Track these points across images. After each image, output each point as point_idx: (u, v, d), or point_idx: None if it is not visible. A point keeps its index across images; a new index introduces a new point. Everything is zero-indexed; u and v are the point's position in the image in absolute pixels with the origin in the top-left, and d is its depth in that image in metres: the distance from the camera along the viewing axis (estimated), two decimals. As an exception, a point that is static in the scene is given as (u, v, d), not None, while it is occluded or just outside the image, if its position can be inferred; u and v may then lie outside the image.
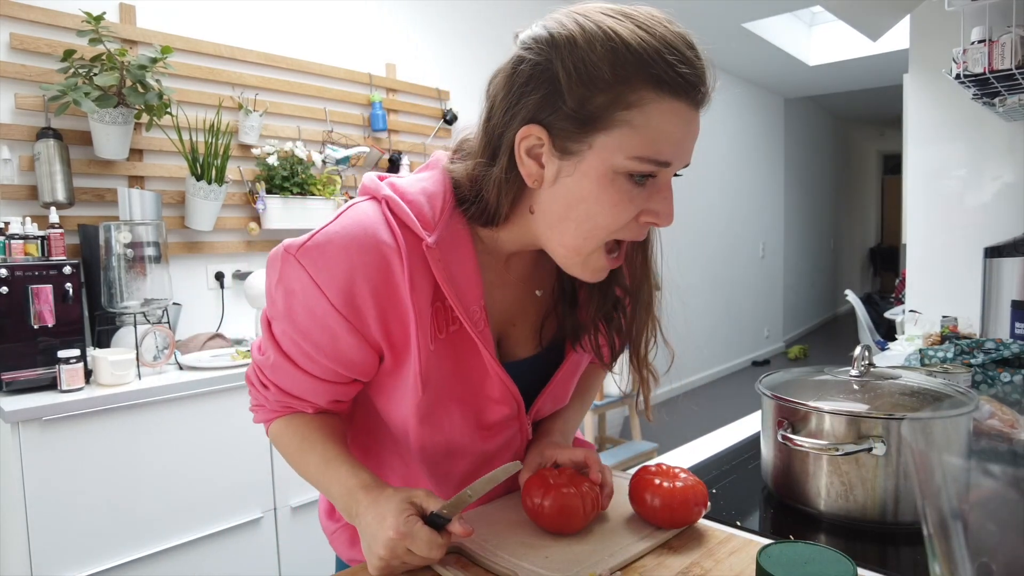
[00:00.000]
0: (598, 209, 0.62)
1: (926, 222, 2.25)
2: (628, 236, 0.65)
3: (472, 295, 0.69)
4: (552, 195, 0.64)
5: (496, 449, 0.79)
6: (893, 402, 0.80)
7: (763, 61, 5.48)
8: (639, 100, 0.58)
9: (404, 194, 0.67)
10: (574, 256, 0.66)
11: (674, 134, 0.60)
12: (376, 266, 0.63)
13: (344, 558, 0.88)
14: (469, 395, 0.73)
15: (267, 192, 2.43)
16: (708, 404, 5.09)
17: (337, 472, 0.69)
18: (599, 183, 0.61)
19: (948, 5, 1.59)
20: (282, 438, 0.76)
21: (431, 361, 0.68)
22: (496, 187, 0.65)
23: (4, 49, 1.92)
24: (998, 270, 1.65)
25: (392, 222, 0.65)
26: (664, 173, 0.63)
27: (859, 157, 9.83)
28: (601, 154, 0.60)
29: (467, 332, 0.69)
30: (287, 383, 0.72)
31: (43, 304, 1.67)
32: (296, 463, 0.75)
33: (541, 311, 0.79)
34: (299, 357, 0.69)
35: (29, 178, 1.95)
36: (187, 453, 1.77)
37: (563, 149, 0.61)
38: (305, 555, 2.02)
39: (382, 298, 0.64)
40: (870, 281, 10.38)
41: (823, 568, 0.54)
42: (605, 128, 0.59)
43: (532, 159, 0.63)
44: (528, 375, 0.79)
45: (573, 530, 0.70)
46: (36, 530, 1.53)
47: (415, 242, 0.65)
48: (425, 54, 3.07)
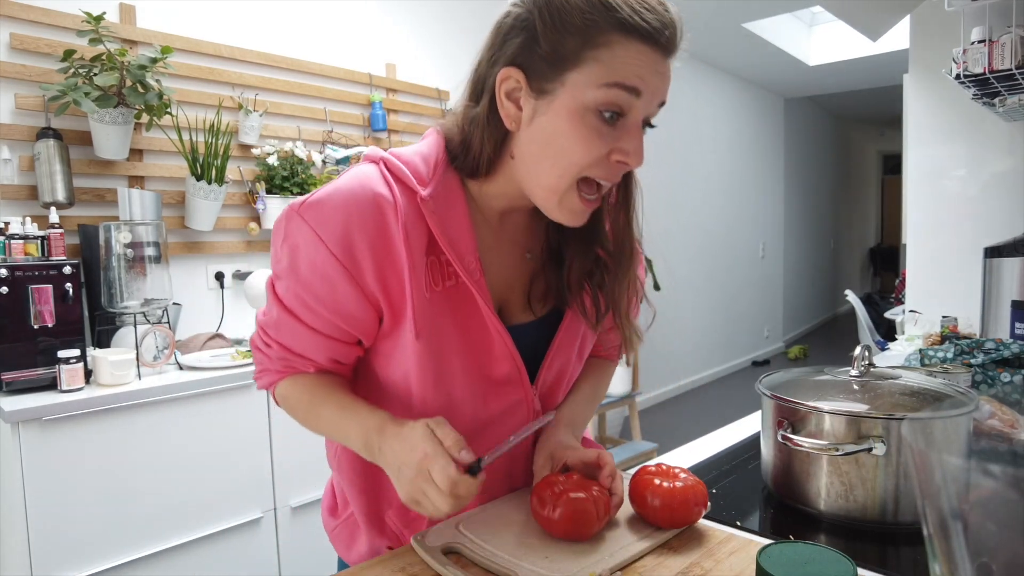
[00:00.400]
0: (570, 144, 0.66)
1: (926, 222, 2.25)
2: (600, 175, 0.68)
3: (466, 247, 0.72)
4: (529, 136, 0.68)
5: (499, 413, 0.79)
6: (893, 402, 0.80)
7: (763, 61, 5.48)
8: (607, 41, 0.63)
9: (400, 155, 0.72)
10: (552, 196, 0.69)
11: (639, 69, 0.64)
12: (372, 218, 0.67)
13: (344, 557, 0.88)
14: (469, 349, 0.74)
15: (267, 192, 2.43)
16: (708, 404, 5.09)
17: (356, 414, 0.72)
18: (571, 119, 0.65)
19: (948, 5, 1.59)
20: (291, 397, 0.79)
21: (427, 312, 0.71)
22: (480, 130, 0.70)
23: (4, 49, 1.92)
24: (998, 270, 1.65)
25: (389, 178, 0.70)
26: (633, 111, 0.66)
27: (859, 157, 9.83)
28: (572, 91, 0.65)
29: (465, 286, 0.72)
30: (289, 339, 0.75)
31: (43, 304, 1.67)
32: (307, 416, 0.78)
33: (533, 274, 0.82)
34: (301, 311, 0.72)
35: (29, 178, 1.95)
36: (187, 453, 1.77)
37: (539, 89, 0.66)
38: (305, 555, 2.02)
39: (378, 250, 0.68)
40: (870, 281, 10.38)
41: (823, 568, 0.54)
42: (576, 65, 0.64)
43: (511, 101, 0.68)
44: (530, 341, 0.80)
45: (586, 537, 0.69)
46: (36, 530, 1.53)
47: (410, 196, 0.70)
48: (425, 54, 3.07)
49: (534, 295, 0.81)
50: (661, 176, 4.88)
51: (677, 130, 5.12)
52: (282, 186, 2.44)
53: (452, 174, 0.73)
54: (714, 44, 5.00)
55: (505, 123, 0.69)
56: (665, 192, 4.94)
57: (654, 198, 5.42)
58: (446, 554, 0.67)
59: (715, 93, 5.73)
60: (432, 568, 0.65)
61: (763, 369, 6.07)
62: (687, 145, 5.28)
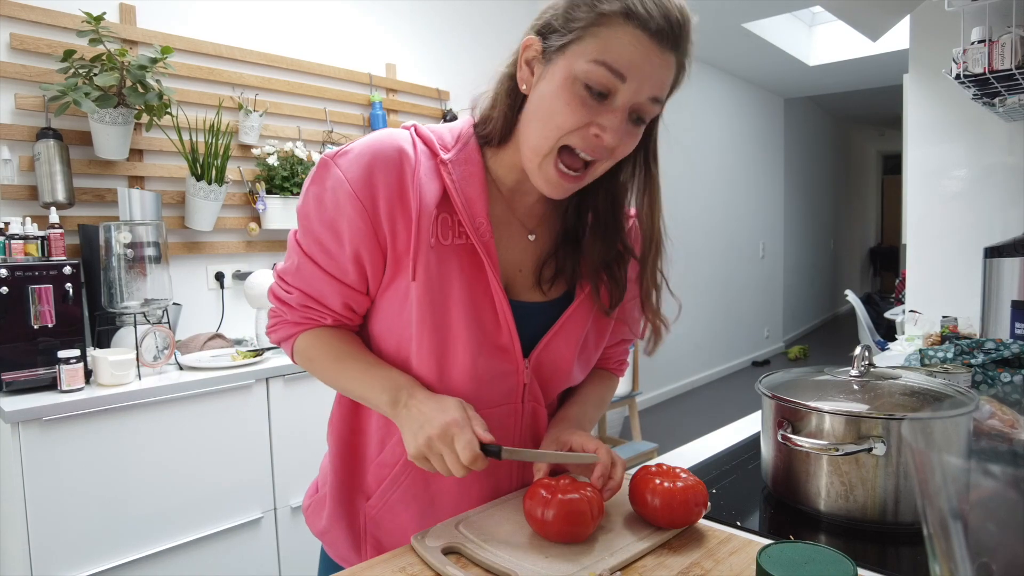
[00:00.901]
0: (557, 107, 0.70)
1: (926, 222, 2.25)
2: (579, 144, 0.71)
3: (478, 209, 0.76)
4: (532, 100, 0.74)
5: (488, 377, 0.79)
6: (893, 402, 0.80)
7: (763, 61, 5.48)
8: (609, 22, 0.68)
9: (431, 127, 0.80)
10: (534, 158, 0.74)
11: (632, 56, 0.68)
12: (393, 166, 0.74)
13: (312, 528, 0.91)
14: (471, 305, 0.77)
15: (267, 192, 2.43)
16: (708, 404, 5.09)
17: (386, 370, 0.78)
18: (561, 84, 0.70)
19: (948, 5, 1.59)
20: (311, 349, 0.82)
21: (431, 261, 0.75)
22: (502, 92, 0.77)
23: (4, 49, 1.92)
24: (998, 270, 1.65)
25: (415, 139, 0.77)
26: (619, 94, 0.69)
27: (859, 157, 9.83)
28: (570, 59, 0.69)
29: (472, 246, 0.76)
30: (307, 284, 0.79)
31: (43, 304, 1.67)
32: (328, 370, 0.81)
33: (542, 257, 0.84)
34: (320, 255, 0.77)
35: (29, 178, 1.95)
36: (187, 453, 1.77)
37: (548, 57, 0.72)
38: (305, 555, 2.02)
39: (393, 194, 0.74)
40: (870, 281, 10.38)
41: (823, 568, 0.54)
42: (579, 39, 0.69)
43: (527, 67, 0.74)
44: (536, 321, 0.81)
45: (582, 538, 0.69)
46: (36, 530, 1.53)
47: (432, 157, 0.77)
48: (425, 54, 3.07)
49: (544, 276, 0.83)
50: (660, 176, 4.86)
51: (677, 130, 5.10)
52: (282, 186, 2.44)
53: (475, 146, 0.79)
54: (714, 44, 5.00)
55: (519, 85, 0.74)
56: (665, 192, 4.92)
57: (654, 198, 5.37)
58: (446, 554, 0.68)
59: (715, 93, 5.73)
60: (432, 568, 0.65)
61: (763, 369, 6.07)
62: (687, 145, 5.28)
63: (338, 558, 0.89)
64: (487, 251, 0.76)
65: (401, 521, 0.83)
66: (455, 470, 0.69)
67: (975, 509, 0.37)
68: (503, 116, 0.77)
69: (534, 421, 0.84)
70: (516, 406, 0.82)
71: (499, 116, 0.77)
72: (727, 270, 5.99)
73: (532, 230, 0.84)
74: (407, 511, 0.82)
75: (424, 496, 0.82)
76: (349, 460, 0.86)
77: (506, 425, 0.82)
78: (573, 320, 0.82)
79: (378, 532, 0.84)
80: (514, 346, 0.79)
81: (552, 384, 0.85)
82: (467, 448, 0.68)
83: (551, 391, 0.86)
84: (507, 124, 0.77)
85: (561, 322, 0.82)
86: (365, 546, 0.85)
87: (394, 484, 0.82)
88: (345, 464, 0.86)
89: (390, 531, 0.84)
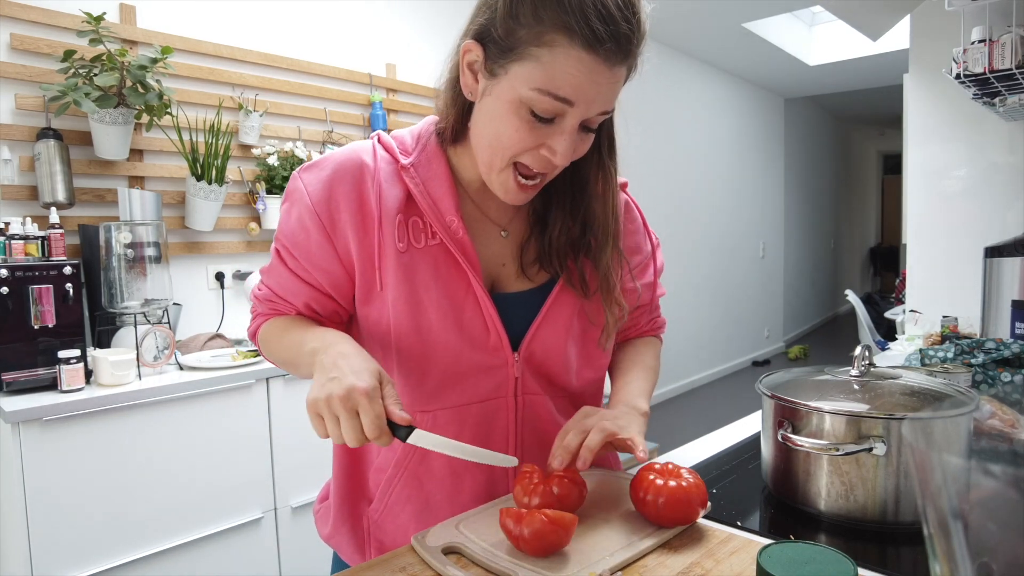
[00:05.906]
0: (503, 131, 0.70)
1: (926, 222, 2.25)
2: (531, 163, 0.72)
3: (446, 205, 0.77)
4: (479, 111, 0.73)
5: (474, 372, 0.78)
6: (893, 402, 0.80)
7: (763, 61, 5.48)
8: (551, 41, 0.65)
9: (394, 133, 0.82)
10: (487, 172, 0.74)
11: (575, 78, 0.65)
12: (352, 180, 0.76)
13: (320, 533, 0.91)
14: (449, 306, 0.76)
15: (267, 192, 2.43)
16: (708, 404, 5.09)
17: (323, 330, 0.75)
18: (507, 108, 0.68)
19: (948, 5, 1.59)
20: (267, 331, 0.84)
21: (401, 266, 0.75)
22: (447, 94, 0.77)
23: (4, 49, 1.92)
24: (998, 270, 1.65)
25: (377, 149, 0.79)
26: (570, 115, 0.68)
27: (859, 157, 9.83)
28: (512, 82, 0.68)
29: (444, 245, 0.76)
30: (275, 282, 0.82)
31: (44, 304, 1.67)
32: (277, 345, 0.81)
33: (520, 248, 0.84)
34: (287, 258, 0.80)
35: (29, 178, 1.95)
36: (187, 453, 1.77)
37: (490, 70, 0.70)
38: (305, 555, 2.02)
39: (354, 208, 0.75)
40: (870, 281, 10.38)
41: (823, 568, 0.54)
42: (519, 59, 0.67)
43: (471, 72, 0.72)
44: (524, 311, 0.81)
45: (558, 549, 0.65)
46: (36, 530, 1.53)
47: (393, 163, 0.78)
48: (425, 54, 3.08)
49: (526, 261, 0.83)
50: (661, 176, 4.88)
51: (677, 130, 5.12)
52: (282, 186, 2.44)
53: (436, 145, 0.80)
54: (714, 44, 5.00)
55: (463, 92, 0.74)
56: (665, 192, 4.94)
57: (654, 197, 5.41)
58: (446, 554, 0.67)
59: (715, 93, 5.73)
60: (432, 568, 0.65)
61: (763, 369, 6.07)
62: (687, 145, 5.28)
63: (347, 561, 0.89)
64: (461, 248, 0.76)
65: (401, 522, 0.83)
66: (348, 439, 0.63)
67: (975, 509, 0.37)
68: (455, 119, 0.77)
69: (532, 414, 0.83)
70: (507, 400, 0.81)
71: (452, 118, 0.78)
72: (727, 270, 5.99)
73: (504, 227, 0.84)
74: (404, 512, 0.82)
75: (419, 496, 0.82)
76: (349, 466, 0.87)
77: (497, 419, 0.81)
78: (558, 305, 0.82)
79: (380, 535, 0.84)
80: (501, 341, 0.78)
81: (550, 372, 0.83)
82: (374, 424, 0.62)
83: (551, 380, 0.84)
84: (459, 126, 0.78)
85: (545, 310, 0.81)
86: (369, 548, 0.85)
87: (390, 486, 0.82)
88: (345, 469, 0.87)
89: (391, 533, 0.84)
